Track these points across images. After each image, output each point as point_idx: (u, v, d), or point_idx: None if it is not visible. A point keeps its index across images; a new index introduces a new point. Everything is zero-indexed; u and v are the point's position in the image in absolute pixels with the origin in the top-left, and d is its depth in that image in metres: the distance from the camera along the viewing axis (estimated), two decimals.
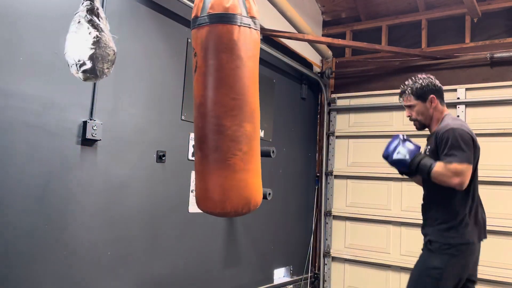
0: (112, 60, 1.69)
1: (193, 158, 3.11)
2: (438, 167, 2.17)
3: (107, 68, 1.68)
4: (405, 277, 4.27)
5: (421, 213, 2.46)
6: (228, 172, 1.72)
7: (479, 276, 3.83)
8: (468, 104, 4.13)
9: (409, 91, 2.45)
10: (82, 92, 2.38)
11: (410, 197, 4.33)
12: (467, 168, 2.15)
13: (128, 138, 2.65)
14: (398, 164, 2.32)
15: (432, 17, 4.43)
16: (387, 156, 2.36)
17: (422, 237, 2.40)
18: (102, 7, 2.47)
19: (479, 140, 3.97)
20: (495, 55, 3.99)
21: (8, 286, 2.03)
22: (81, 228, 2.36)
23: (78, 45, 1.61)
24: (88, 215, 2.40)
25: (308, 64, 4.68)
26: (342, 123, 4.81)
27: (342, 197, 4.71)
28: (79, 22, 1.63)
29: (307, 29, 4.03)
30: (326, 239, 4.70)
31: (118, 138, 2.57)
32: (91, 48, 1.60)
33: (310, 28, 4.15)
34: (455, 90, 4.20)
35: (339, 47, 4.79)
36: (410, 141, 2.38)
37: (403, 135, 2.40)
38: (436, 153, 2.29)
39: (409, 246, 4.27)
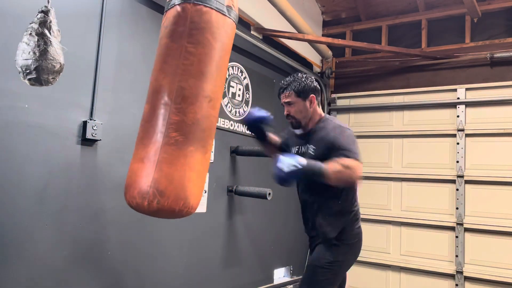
0: (58, 71, 1.77)
1: None
2: (331, 166, 2.04)
3: (52, 78, 1.76)
4: (405, 277, 4.29)
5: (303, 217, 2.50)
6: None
7: (479, 276, 3.90)
8: (468, 104, 4.13)
9: (292, 87, 2.37)
10: (82, 92, 2.38)
11: (410, 197, 4.33)
12: (358, 162, 2.12)
13: (128, 138, 2.64)
14: (295, 175, 2.02)
15: (432, 17, 4.43)
16: (278, 178, 2.04)
17: (422, 237, 2.43)
18: (102, 7, 2.48)
19: (479, 140, 4.05)
20: (495, 55, 3.99)
21: (8, 286, 2.03)
22: (81, 228, 2.36)
23: (26, 56, 1.70)
24: (88, 215, 2.40)
25: (308, 64, 4.68)
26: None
27: None
28: (30, 34, 1.71)
29: (307, 29, 4.03)
30: None
31: (118, 138, 2.57)
32: (37, 60, 1.68)
33: (310, 28, 4.15)
34: (455, 90, 4.21)
35: (339, 47, 4.79)
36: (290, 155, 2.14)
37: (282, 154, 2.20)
38: (323, 152, 2.20)
39: (409, 246, 4.27)
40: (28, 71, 1.69)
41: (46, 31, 1.71)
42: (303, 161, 2.03)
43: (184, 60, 1.64)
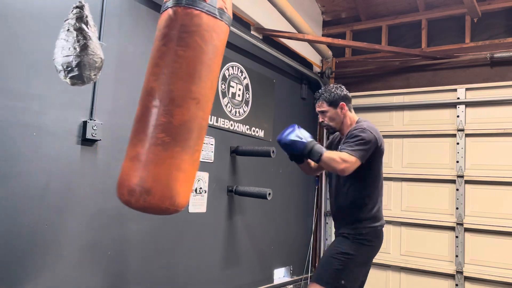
0: (99, 67, 1.73)
1: None
2: (330, 153, 2.38)
3: (94, 74, 1.72)
4: (405, 277, 4.29)
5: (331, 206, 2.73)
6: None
7: (479, 276, 3.90)
8: (468, 104, 4.13)
9: (322, 98, 2.66)
10: (82, 92, 2.38)
11: (410, 197, 4.33)
12: (356, 162, 2.36)
13: (128, 138, 2.64)
14: (293, 145, 2.40)
15: (432, 17, 4.43)
16: (280, 138, 2.45)
17: (422, 237, 2.46)
18: (102, 7, 2.48)
19: (479, 140, 4.06)
20: (495, 55, 3.99)
21: (8, 286, 2.03)
22: (81, 228, 2.36)
23: (66, 52, 1.65)
24: (88, 215, 2.40)
25: (308, 64, 4.68)
26: None
27: None
28: (68, 30, 1.67)
29: (307, 29, 4.03)
30: (326, 239, 4.70)
31: (118, 138, 2.57)
32: (79, 56, 1.64)
33: (310, 28, 4.15)
34: (455, 90, 4.21)
35: (339, 47, 4.79)
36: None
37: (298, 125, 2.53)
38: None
39: (409, 246, 4.27)
40: (69, 68, 1.65)
41: (84, 26, 1.68)
42: (309, 138, 2.39)
43: (174, 63, 1.69)
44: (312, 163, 2.76)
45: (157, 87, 1.69)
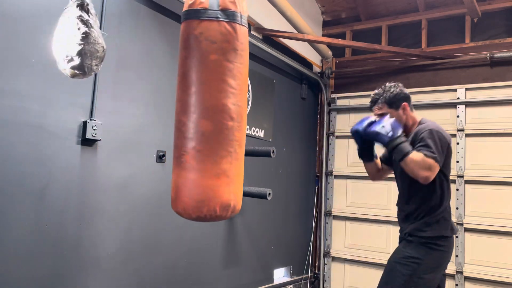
0: (101, 57, 1.65)
1: None
2: (416, 155, 2.19)
3: (96, 65, 1.63)
4: None
5: (397, 207, 2.56)
6: (179, 170, 1.70)
7: (479, 276, 3.90)
8: (468, 104, 4.13)
9: (382, 100, 2.48)
10: (82, 92, 2.38)
11: None
12: (437, 168, 2.22)
13: (128, 138, 2.65)
14: (376, 136, 2.28)
15: (432, 17, 4.43)
16: (360, 128, 2.34)
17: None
18: (102, 7, 2.48)
19: (479, 140, 4.05)
20: (495, 55, 3.99)
21: (8, 286, 2.03)
22: (81, 228, 2.36)
23: (66, 41, 1.56)
24: (88, 215, 2.40)
25: (308, 64, 4.68)
26: (342, 123, 4.81)
27: (342, 197, 4.71)
28: (68, 17, 1.59)
29: (307, 29, 4.03)
30: (326, 239, 4.70)
31: (118, 138, 2.57)
32: (80, 44, 1.55)
33: (310, 28, 4.15)
34: (455, 90, 4.20)
35: (339, 47, 4.79)
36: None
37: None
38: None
39: None
40: (69, 57, 1.54)
41: (85, 14, 1.59)
42: (399, 132, 2.23)
43: (238, 80, 1.74)
44: (380, 164, 2.62)
45: (230, 104, 1.71)
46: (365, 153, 2.50)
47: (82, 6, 1.61)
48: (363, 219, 4.51)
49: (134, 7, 2.71)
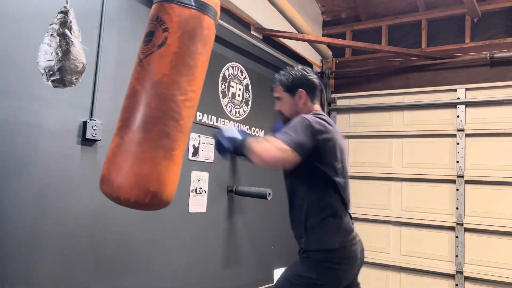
0: (81, 71, 1.78)
1: (193, 158, 3.11)
2: (260, 139, 1.91)
3: (76, 78, 1.77)
4: (405, 277, 4.29)
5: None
6: (169, 163, 1.65)
7: (479, 276, 3.90)
8: (468, 104, 4.13)
9: (278, 81, 2.21)
10: (82, 92, 2.38)
11: (410, 197, 4.33)
12: (287, 151, 1.83)
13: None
14: (228, 141, 1.94)
15: (432, 17, 4.43)
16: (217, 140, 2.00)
17: (422, 237, 2.38)
18: (102, 7, 2.48)
19: (479, 140, 4.05)
20: (495, 55, 3.99)
21: (8, 286, 2.03)
22: (81, 228, 2.36)
23: (49, 57, 1.70)
24: (88, 215, 2.40)
25: (308, 64, 4.68)
26: (342, 123, 4.81)
27: None
28: (51, 34, 1.72)
29: (307, 29, 4.03)
30: None
31: None
32: (60, 61, 1.69)
33: (310, 28, 4.15)
34: (455, 90, 4.21)
35: (339, 47, 4.79)
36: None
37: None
38: None
39: (409, 246, 4.27)
40: (51, 72, 1.69)
41: (67, 31, 1.72)
42: (238, 135, 1.94)
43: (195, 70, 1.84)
44: None
45: (189, 92, 1.77)
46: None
47: (65, 24, 1.73)
48: (363, 219, 4.50)
49: (134, 7, 2.71)
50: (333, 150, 2.04)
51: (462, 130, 4.10)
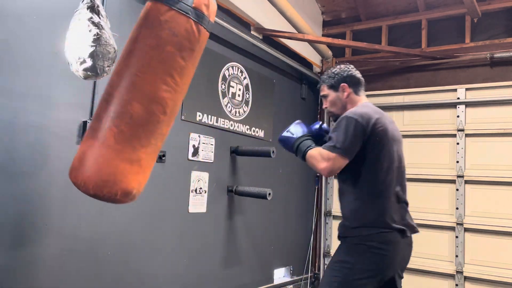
0: (113, 58, 1.68)
1: (193, 158, 3.11)
2: (313, 150, 2.15)
3: (108, 66, 1.66)
4: (405, 277, 4.26)
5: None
6: (92, 142, 1.63)
7: (479, 276, 3.89)
8: (468, 104, 4.13)
9: (323, 80, 2.38)
10: (82, 92, 2.38)
11: (409, 197, 4.31)
12: (337, 159, 2.05)
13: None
14: (285, 142, 2.30)
15: (432, 17, 4.43)
16: (279, 138, 2.37)
17: (422, 237, 2.36)
18: (102, 6, 2.48)
19: (479, 140, 4.05)
20: (495, 55, 3.99)
21: (8, 286, 2.03)
22: (81, 228, 2.36)
23: (78, 43, 1.60)
24: (88, 215, 2.40)
25: (308, 64, 4.68)
26: None
27: None
28: (79, 19, 1.62)
29: (307, 29, 4.03)
30: (326, 239, 4.70)
31: None
32: (92, 46, 1.58)
33: (310, 28, 4.15)
34: (455, 90, 4.20)
35: (339, 47, 4.79)
36: (306, 125, 2.38)
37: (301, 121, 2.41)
38: None
39: None
40: (82, 59, 1.59)
41: (95, 16, 1.63)
42: (299, 133, 2.25)
43: (184, 80, 1.77)
44: None
45: (169, 99, 1.72)
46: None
47: (93, 8, 1.63)
48: None
49: (134, 7, 2.71)
50: (383, 137, 2.14)
51: (462, 130, 4.10)
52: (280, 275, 4.22)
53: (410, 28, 4.57)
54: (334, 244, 4.68)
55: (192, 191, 3.09)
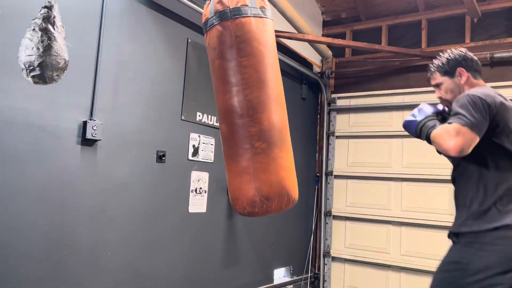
0: (63, 68, 1.74)
1: (193, 158, 3.11)
2: (438, 128, 1.91)
3: (57, 75, 1.72)
4: (405, 277, 4.29)
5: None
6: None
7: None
8: None
9: (434, 67, 2.17)
10: (82, 92, 2.38)
11: (410, 197, 4.33)
12: (467, 133, 1.79)
13: (128, 138, 2.65)
14: (408, 127, 2.13)
15: (432, 17, 4.43)
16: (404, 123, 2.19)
17: (422, 237, 2.35)
18: (102, 7, 2.48)
19: None
20: (495, 55, 3.99)
21: (8, 286, 2.03)
22: (81, 228, 2.36)
23: (29, 52, 1.66)
24: (88, 215, 2.40)
25: (308, 64, 4.68)
26: (342, 123, 4.81)
27: (342, 197, 4.71)
28: (33, 29, 1.68)
29: (307, 29, 4.03)
30: (326, 239, 4.70)
31: (118, 138, 2.57)
32: (41, 56, 1.64)
33: (310, 28, 4.15)
34: None
35: (339, 47, 4.79)
36: (433, 106, 2.14)
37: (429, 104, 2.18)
38: None
39: (409, 246, 4.27)
40: (31, 67, 1.64)
41: (50, 27, 1.68)
42: (422, 116, 2.04)
43: (243, 75, 1.75)
44: None
45: (236, 103, 1.75)
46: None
47: (48, 19, 1.69)
48: (363, 219, 4.51)
49: (134, 7, 2.71)
50: (509, 118, 1.93)
51: None
52: (280, 275, 4.23)
53: (410, 28, 4.57)
54: (334, 244, 4.68)
55: (192, 191, 3.09)
